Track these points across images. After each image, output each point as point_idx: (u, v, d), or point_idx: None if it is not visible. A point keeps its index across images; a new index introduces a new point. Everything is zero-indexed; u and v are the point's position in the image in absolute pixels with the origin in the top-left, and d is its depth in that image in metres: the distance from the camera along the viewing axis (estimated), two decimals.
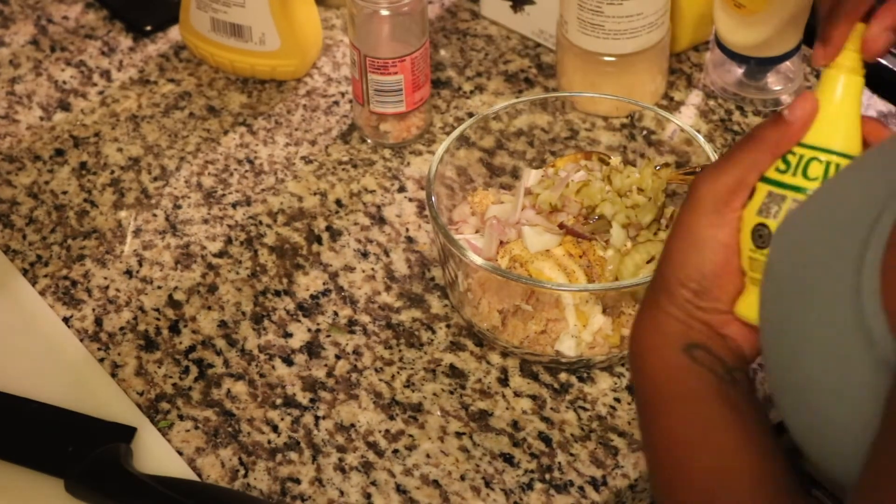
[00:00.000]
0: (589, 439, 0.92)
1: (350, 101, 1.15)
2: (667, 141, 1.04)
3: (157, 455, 0.92)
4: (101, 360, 0.98)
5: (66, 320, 1.00)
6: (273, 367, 0.97)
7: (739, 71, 1.14)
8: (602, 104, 1.12)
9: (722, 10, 1.11)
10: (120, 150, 1.13)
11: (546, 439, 0.93)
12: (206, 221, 1.07)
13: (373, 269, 1.03)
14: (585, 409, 0.94)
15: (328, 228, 1.06)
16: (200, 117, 1.15)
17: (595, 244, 0.97)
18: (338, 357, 0.98)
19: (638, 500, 0.92)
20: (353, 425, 0.94)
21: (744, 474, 0.72)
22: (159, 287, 1.02)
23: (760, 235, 0.74)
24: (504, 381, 0.96)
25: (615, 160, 1.04)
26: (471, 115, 1.14)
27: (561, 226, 0.97)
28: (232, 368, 0.97)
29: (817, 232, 0.69)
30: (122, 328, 1.00)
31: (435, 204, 0.96)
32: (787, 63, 1.13)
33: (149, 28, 1.22)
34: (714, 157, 0.99)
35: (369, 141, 1.12)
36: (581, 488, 0.90)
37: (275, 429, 0.94)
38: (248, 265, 1.04)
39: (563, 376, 0.96)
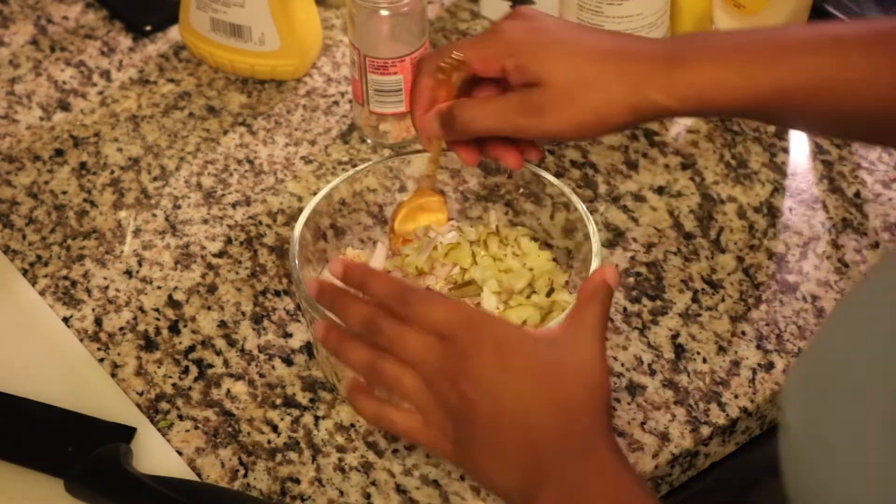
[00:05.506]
0: None
1: (350, 101, 1.15)
2: (671, 142, 1.04)
3: (157, 455, 0.92)
4: (101, 360, 0.98)
5: (65, 320, 1.00)
6: (273, 367, 0.97)
7: None
8: None
9: (722, 10, 1.11)
10: (120, 150, 1.13)
11: None
12: (205, 221, 1.07)
13: None
14: None
15: (332, 226, 1.06)
16: (200, 117, 1.15)
17: None
18: None
19: None
20: (352, 425, 0.94)
21: None
22: (159, 287, 1.02)
23: None
24: None
25: (493, 219, 1.00)
26: None
27: (428, 290, 0.92)
28: (232, 368, 0.97)
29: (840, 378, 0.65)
30: (121, 328, 1.00)
31: (297, 266, 0.93)
32: None
33: (148, 28, 1.22)
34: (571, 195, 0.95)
35: (369, 141, 1.12)
36: None
37: (275, 429, 0.94)
38: (247, 265, 1.04)
39: None
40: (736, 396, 0.95)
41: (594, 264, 0.90)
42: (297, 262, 0.93)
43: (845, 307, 0.69)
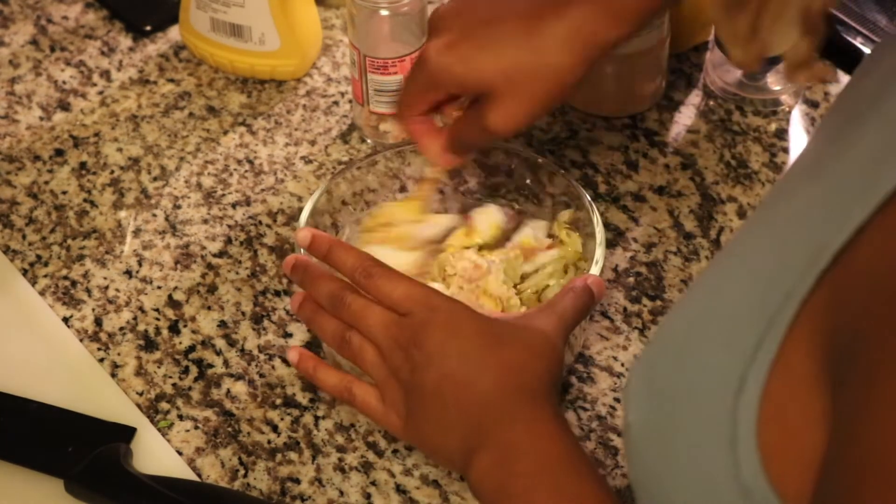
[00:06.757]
0: (589, 439, 0.92)
1: (350, 101, 1.15)
2: (671, 142, 1.04)
3: (157, 455, 0.92)
4: (101, 360, 0.98)
5: (65, 320, 1.00)
6: (273, 367, 0.97)
7: (739, 71, 1.14)
8: (602, 104, 1.12)
9: None
10: (120, 150, 1.13)
11: None
12: (205, 221, 1.07)
13: None
14: (585, 409, 0.94)
15: (332, 225, 1.06)
16: (200, 117, 1.15)
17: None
18: None
19: None
20: (352, 425, 0.94)
21: None
22: (159, 287, 1.02)
23: None
24: None
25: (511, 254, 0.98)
26: None
27: (390, 268, 0.91)
28: (232, 368, 0.97)
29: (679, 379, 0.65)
30: (121, 328, 1.00)
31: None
32: None
33: (148, 28, 1.22)
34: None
35: (369, 141, 1.12)
36: None
37: (275, 429, 0.94)
38: (247, 265, 1.04)
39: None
40: None
41: (597, 253, 0.91)
42: None
43: (685, 298, 0.69)
